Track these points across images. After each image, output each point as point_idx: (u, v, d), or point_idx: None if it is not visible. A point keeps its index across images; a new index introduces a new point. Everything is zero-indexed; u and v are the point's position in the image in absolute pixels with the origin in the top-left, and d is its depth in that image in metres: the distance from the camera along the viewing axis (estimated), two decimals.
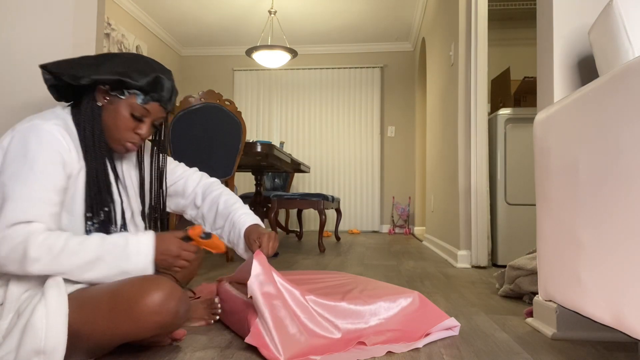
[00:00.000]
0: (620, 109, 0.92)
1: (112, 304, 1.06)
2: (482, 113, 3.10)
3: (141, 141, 1.25)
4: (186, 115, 2.97)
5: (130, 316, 1.05)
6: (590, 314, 1.03)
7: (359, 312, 1.37)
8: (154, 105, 1.22)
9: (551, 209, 1.25)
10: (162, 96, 1.21)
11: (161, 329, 1.09)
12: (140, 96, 1.19)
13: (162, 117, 1.26)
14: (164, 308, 1.06)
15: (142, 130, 1.23)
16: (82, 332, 1.05)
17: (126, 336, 1.08)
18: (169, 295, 1.08)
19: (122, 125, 1.20)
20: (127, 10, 5.63)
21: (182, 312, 1.11)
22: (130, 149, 1.24)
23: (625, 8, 1.15)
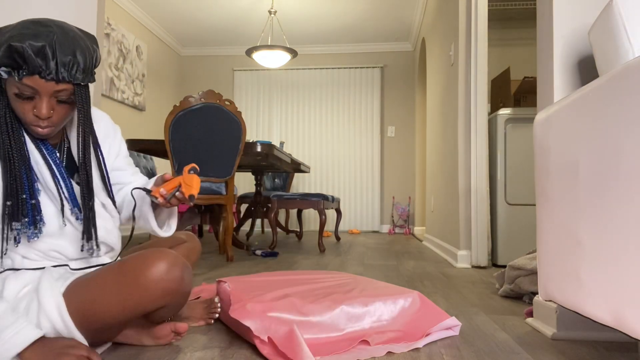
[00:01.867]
0: (620, 109, 0.92)
1: (119, 277, 1.08)
2: (482, 113, 3.10)
3: (49, 122, 1.08)
4: (186, 115, 2.97)
5: (137, 285, 1.07)
6: (590, 314, 1.03)
7: (358, 315, 1.37)
8: (34, 78, 1.02)
9: (551, 209, 1.25)
10: (35, 66, 1.01)
11: (168, 297, 1.11)
12: (13, 73, 1.02)
13: (65, 90, 1.07)
14: (169, 275, 1.10)
15: (39, 110, 1.05)
16: (93, 311, 1.06)
17: (136, 307, 1.09)
18: (173, 263, 1.11)
19: (18, 108, 1.06)
20: (127, 10, 5.63)
21: (187, 279, 1.15)
22: (40, 132, 1.09)
23: (625, 8, 1.15)
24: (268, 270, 2.76)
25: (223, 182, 3.06)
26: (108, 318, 1.08)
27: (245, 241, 4.73)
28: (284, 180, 5.79)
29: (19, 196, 1.06)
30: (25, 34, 1.01)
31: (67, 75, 1.04)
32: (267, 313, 1.30)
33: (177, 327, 1.26)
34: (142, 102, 5.94)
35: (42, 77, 1.02)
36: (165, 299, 1.11)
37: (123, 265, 1.10)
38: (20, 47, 1.00)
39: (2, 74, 1.03)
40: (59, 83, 1.04)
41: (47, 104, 1.06)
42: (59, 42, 1.03)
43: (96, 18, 1.77)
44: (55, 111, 1.09)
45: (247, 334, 1.30)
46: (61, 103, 1.09)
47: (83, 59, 1.07)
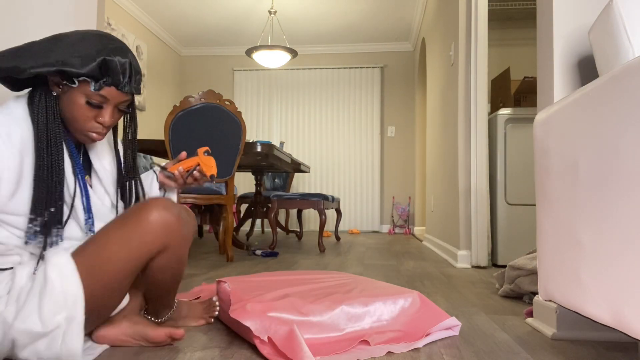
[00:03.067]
0: (620, 109, 0.92)
1: (121, 221, 1.14)
2: (482, 113, 3.10)
3: (106, 129, 1.18)
4: (186, 115, 2.97)
5: (139, 223, 1.12)
6: (590, 314, 1.03)
7: (358, 315, 1.37)
8: (111, 90, 1.12)
9: (551, 209, 1.25)
10: (117, 79, 1.11)
11: (169, 234, 1.16)
12: (92, 83, 1.10)
13: (127, 100, 1.18)
14: (168, 211, 1.16)
15: (104, 117, 1.14)
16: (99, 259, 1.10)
17: (139, 247, 1.12)
18: (170, 204, 1.18)
19: (81, 115, 1.13)
20: (127, 10, 5.63)
21: (184, 219, 1.21)
22: (95, 139, 1.17)
23: (625, 8, 1.15)
24: (268, 270, 2.76)
25: (223, 182, 3.06)
26: (114, 264, 1.11)
27: (245, 241, 4.73)
28: (284, 180, 5.79)
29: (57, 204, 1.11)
30: (112, 49, 1.11)
31: (136, 88, 1.17)
32: (267, 313, 1.30)
33: (172, 333, 1.25)
34: (142, 102, 5.95)
35: (119, 89, 1.13)
36: (166, 235, 1.15)
37: (122, 215, 1.17)
38: (112, 61, 1.10)
39: (75, 83, 1.09)
40: (127, 94, 1.16)
41: (112, 113, 1.16)
42: (133, 58, 1.15)
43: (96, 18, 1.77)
44: (113, 119, 1.19)
45: (247, 334, 1.30)
46: (119, 112, 1.19)
47: (140, 72, 1.19)
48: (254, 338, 1.24)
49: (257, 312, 1.30)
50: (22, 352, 1.05)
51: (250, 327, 1.25)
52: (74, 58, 1.07)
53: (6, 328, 1.04)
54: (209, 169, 1.34)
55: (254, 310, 1.30)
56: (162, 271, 1.22)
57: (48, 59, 1.07)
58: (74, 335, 1.06)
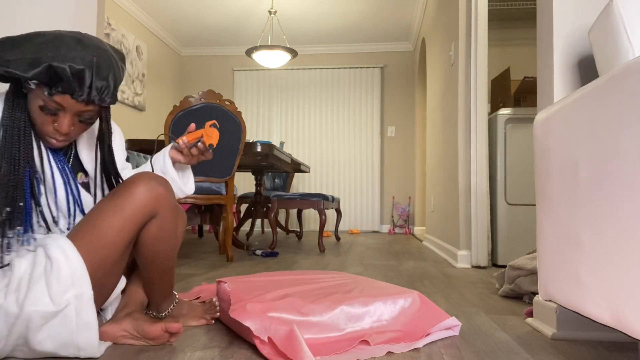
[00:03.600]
0: (620, 109, 0.92)
1: (111, 196, 1.17)
2: (482, 113, 3.10)
3: (64, 137, 1.13)
4: (186, 115, 2.97)
5: (129, 194, 1.15)
6: (590, 314, 1.03)
7: (358, 315, 1.37)
8: (64, 98, 1.07)
9: (551, 209, 1.25)
10: (70, 87, 1.05)
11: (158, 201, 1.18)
12: (45, 88, 1.05)
13: (90, 111, 1.12)
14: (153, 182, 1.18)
15: (60, 125, 1.10)
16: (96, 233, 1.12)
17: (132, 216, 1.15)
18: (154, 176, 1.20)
19: (38, 118, 1.10)
20: (127, 10, 5.63)
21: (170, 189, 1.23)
22: (54, 144, 1.14)
23: (625, 8, 1.15)
24: (268, 270, 2.76)
25: (223, 182, 3.06)
26: (110, 236, 1.13)
27: (245, 241, 4.73)
28: (284, 180, 5.79)
29: (16, 204, 1.09)
30: (67, 56, 1.04)
31: (98, 98, 1.10)
32: (267, 313, 1.30)
33: (168, 327, 1.25)
34: (142, 102, 5.94)
35: (74, 98, 1.07)
36: (156, 202, 1.18)
37: (113, 190, 1.19)
38: (60, 68, 1.03)
39: (31, 85, 1.06)
40: (87, 104, 1.10)
41: (69, 121, 1.11)
42: (97, 67, 1.07)
43: (96, 18, 1.77)
44: (75, 127, 1.15)
45: (247, 334, 1.30)
46: (82, 122, 1.15)
47: (114, 83, 1.13)
48: (254, 338, 1.24)
49: (257, 312, 1.30)
50: (38, 335, 1.05)
51: (250, 327, 1.25)
52: (24, 60, 1.02)
53: (10, 319, 1.04)
54: (209, 139, 1.36)
55: (254, 310, 1.30)
56: (155, 242, 1.23)
57: (9, 56, 1.03)
58: (87, 310, 1.08)
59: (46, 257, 1.08)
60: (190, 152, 1.37)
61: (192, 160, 1.39)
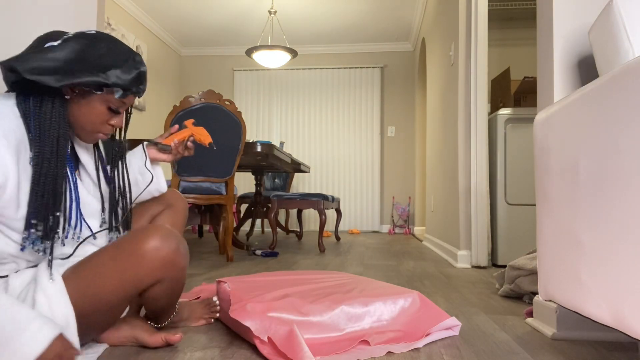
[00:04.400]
0: (620, 109, 0.92)
1: (116, 250, 1.11)
2: (482, 113, 3.10)
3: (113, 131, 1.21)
4: (186, 115, 2.97)
5: (134, 256, 1.10)
6: (590, 314, 1.03)
7: (358, 315, 1.37)
8: (132, 97, 1.17)
9: (551, 209, 1.25)
10: (140, 89, 1.16)
11: (164, 267, 1.13)
12: (119, 91, 1.12)
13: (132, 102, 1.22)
14: (165, 244, 1.13)
15: (117, 121, 1.17)
16: (92, 287, 1.07)
17: (133, 279, 1.10)
18: (168, 234, 1.15)
19: (97, 119, 1.13)
20: (127, 10, 5.63)
21: (183, 251, 1.18)
22: (102, 139, 1.21)
23: (625, 8, 1.15)
24: (268, 270, 2.76)
25: (223, 182, 3.06)
26: (106, 293, 1.09)
27: (245, 241, 4.73)
28: (284, 180, 5.79)
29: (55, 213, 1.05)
30: (140, 59, 1.15)
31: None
32: (267, 313, 1.30)
33: (169, 339, 1.25)
34: (142, 102, 5.94)
35: (136, 95, 1.16)
36: (161, 270, 1.13)
37: (119, 242, 1.13)
38: (144, 73, 1.15)
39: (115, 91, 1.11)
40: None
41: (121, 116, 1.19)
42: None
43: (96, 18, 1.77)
44: None
45: (247, 334, 1.30)
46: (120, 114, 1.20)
47: None
48: (254, 338, 1.24)
49: (257, 312, 1.30)
50: None
51: (250, 327, 1.25)
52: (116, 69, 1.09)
53: None
54: (206, 138, 1.39)
55: (254, 310, 1.30)
56: (157, 299, 1.21)
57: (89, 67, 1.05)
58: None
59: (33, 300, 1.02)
60: (178, 151, 1.40)
61: (176, 158, 1.42)
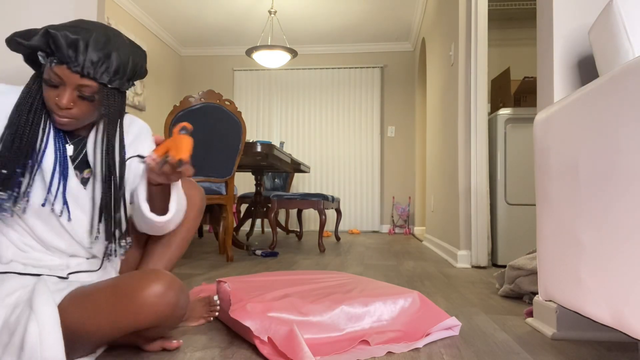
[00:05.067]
0: (620, 109, 0.92)
1: (113, 298, 1.06)
2: (482, 113, 3.10)
3: (68, 114, 1.11)
4: (186, 115, 2.97)
5: (131, 308, 1.05)
6: (590, 314, 1.03)
7: (358, 315, 1.37)
8: (62, 68, 1.06)
9: (551, 209, 1.25)
10: (65, 56, 1.05)
11: (161, 320, 1.09)
12: (47, 59, 1.07)
13: (88, 87, 1.09)
14: (164, 299, 1.07)
15: (60, 99, 1.08)
16: (84, 329, 1.05)
17: (126, 329, 1.07)
18: (169, 286, 1.08)
19: (45, 93, 1.11)
20: (127, 10, 5.63)
21: (182, 303, 1.12)
22: (59, 122, 1.12)
23: (625, 8, 1.15)
24: (268, 270, 2.76)
25: (223, 182, 3.06)
26: (97, 336, 1.06)
27: (245, 241, 4.73)
28: (284, 180, 5.79)
29: (14, 168, 1.08)
30: (67, 26, 1.07)
31: (93, 72, 1.07)
32: (267, 313, 1.30)
33: (166, 346, 1.24)
34: (142, 102, 5.94)
35: (69, 68, 1.06)
36: (158, 322, 1.09)
37: (117, 286, 1.08)
38: (55, 34, 1.05)
39: (40, 58, 1.07)
40: (83, 77, 1.07)
41: (69, 96, 1.09)
42: (95, 40, 1.07)
43: (96, 18, 1.77)
44: (77, 105, 1.11)
45: (247, 334, 1.30)
46: (83, 99, 1.11)
47: (117, 63, 1.10)
48: (254, 338, 1.24)
49: (257, 312, 1.30)
50: None
51: (250, 327, 1.25)
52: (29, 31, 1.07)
53: None
54: (178, 152, 1.05)
55: (254, 310, 1.30)
56: (151, 335, 1.20)
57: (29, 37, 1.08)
58: None
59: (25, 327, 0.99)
60: (163, 171, 1.10)
61: (171, 179, 1.14)
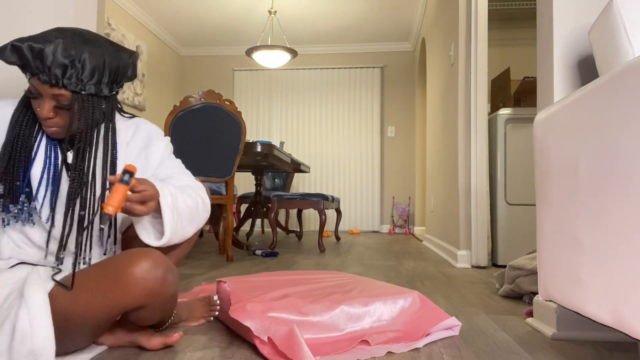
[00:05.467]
0: (619, 109, 0.92)
1: (101, 275, 1.07)
2: (482, 113, 3.10)
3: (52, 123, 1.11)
4: (186, 115, 2.97)
5: (119, 283, 1.05)
6: (590, 314, 1.03)
7: (358, 315, 1.37)
8: (34, 80, 1.06)
9: (551, 209, 1.25)
10: (32, 67, 1.04)
11: (150, 297, 1.08)
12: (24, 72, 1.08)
13: (62, 96, 1.07)
14: (151, 274, 1.07)
15: (41, 110, 1.09)
16: (76, 311, 1.05)
17: (116, 305, 1.07)
18: (157, 263, 1.08)
19: (33, 106, 1.12)
20: (127, 10, 5.63)
21: (170, 280, 1.11)
22: (47, 132, 1.13)
23: (625, 8, 1.15)
24: (268, 270, 2.76)
25: (223, 182, 3.06)
26: (88, 316, 1.06)
27: (245, 241, 4.73)
28: (284, 180, 5.79)
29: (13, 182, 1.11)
30: (33, 37, 1.05)
31: (61, 80, 1.05)
32: (267, 313, 1.30)
33: (167, 342, 1.24)
34: (142, 102, 5.94)
35: (39, 79, 1.05)
36: (146, 299, 1.08)
37: (106, 263, 1.09)
38: (19, 47, 1.03)
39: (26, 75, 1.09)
40: (52, 87, 1.06)
41: (47, 106, 1.08)
42: (63, 47, 1.05)
43: (96, 18, 1.77)
44: (58, 114, 1.11)
45: (247, 334, 1.30)
46: (62, 108, 1.10)
47: (89, 68, 1.07)
48: (254, 338, 1.24)
49: (257, 312, 1.30)
50: None
51: (250, 327, 1.25)
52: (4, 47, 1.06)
53: None
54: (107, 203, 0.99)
55: (254, 310, 1.30)
56: (146, 319, 1.17)
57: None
58: None
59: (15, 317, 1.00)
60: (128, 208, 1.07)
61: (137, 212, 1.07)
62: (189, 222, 1.21)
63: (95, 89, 1.10)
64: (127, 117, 1.30)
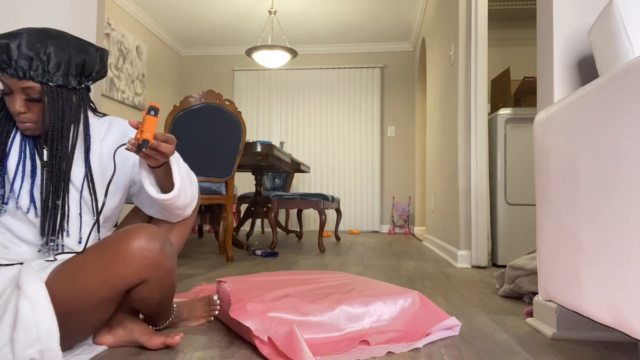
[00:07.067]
0: (620, 109, 0.92)
1: (99, 249, 1.09)
2: (482, 113, 3.10)
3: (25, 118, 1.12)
4: (186, 115, 2.97)
5: (117, 255, 1.07)
6: (590, 314, 1.03)
7: (358, 315, 1.37)
8: (4, 75, 1.09)
9: (551, 209, 1.25)
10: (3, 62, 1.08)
11: (148, 268, 1.10)
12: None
13: (32, 88, 1.10)
14: (149, 245, 1.10)
15: (12, 106, 1.11)
16: (74, 287, 1.06)
17: (116, 279, 1.07)
18: (154, 235, 1.11)
19: (6, 103, 1.15)
20: (127, 10, 5.63)
21: (168, 252, 1.14)
22: (21, 128, 1.14)
23: (625, 8, 1.15)
24: (268, 270, 2.76)
25: (223, 182, 3.06)
26: (90, 293, 1.06)
27: (245, 241, 4.73)
28: (284, 180, 5.79)
29: None
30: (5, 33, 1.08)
31: (28, 72, 1.08)
32: (267, 313, 1.30)
33: (168, 342, 1.23)
34: (142, 102, 5.94)
35: (7, 73, 1.08)
36: (145, 271, 1.10)
37: (103, 242, 1.11)
38: None
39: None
40: (21, 80, 1.08)
41: (18, 101, 1.11)
42: (28, 41, 1.08)
43: (96, 18, 1.77)
44: (30, 109, 1.13)
45: (247, 334, 1.30)
46: (33, 101, 1.12)
47: (55, 60, 1.10)
48: (254, 338, 1.24)
49: (257, 312, 1.30)
50: None
51: (250, 327, 1.25)
52: None
53: None
54: (141, 133, 1.07)
55: (254, 310, 1.30)
56: (146, 299, 1.18)
57: None
58: None
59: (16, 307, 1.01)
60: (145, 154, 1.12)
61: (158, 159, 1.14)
62: (189, 183, 1.26)
63: (63, 80, 1.13)
64: (99, 115, 1.31)
